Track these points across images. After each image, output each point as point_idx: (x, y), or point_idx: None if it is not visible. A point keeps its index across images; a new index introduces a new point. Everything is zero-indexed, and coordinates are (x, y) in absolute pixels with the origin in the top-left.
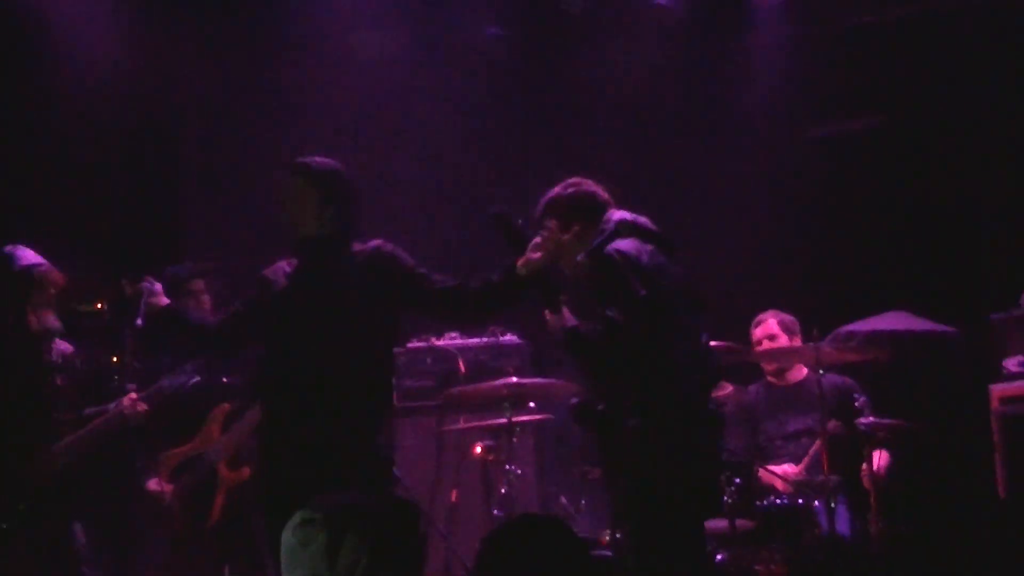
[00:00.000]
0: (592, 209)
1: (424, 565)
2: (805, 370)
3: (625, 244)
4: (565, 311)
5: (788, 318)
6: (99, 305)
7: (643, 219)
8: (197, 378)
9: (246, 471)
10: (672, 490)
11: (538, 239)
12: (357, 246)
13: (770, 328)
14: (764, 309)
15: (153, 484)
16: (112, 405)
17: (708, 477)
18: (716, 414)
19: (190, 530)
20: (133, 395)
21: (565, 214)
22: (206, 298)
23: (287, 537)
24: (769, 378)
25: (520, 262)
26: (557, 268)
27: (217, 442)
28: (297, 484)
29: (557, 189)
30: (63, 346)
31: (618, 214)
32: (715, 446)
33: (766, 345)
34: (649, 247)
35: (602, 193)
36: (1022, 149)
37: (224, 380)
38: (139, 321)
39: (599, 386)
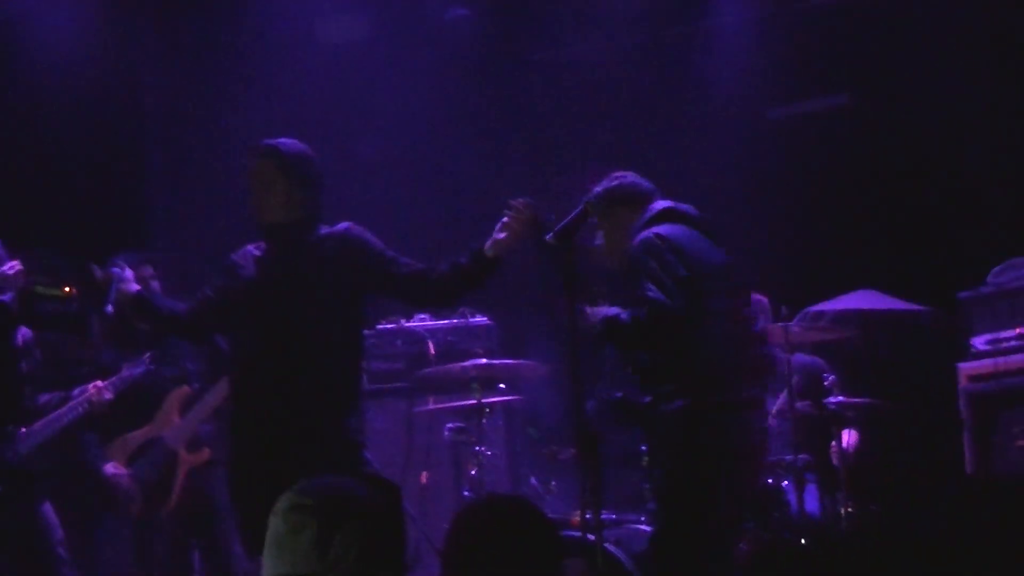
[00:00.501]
0: (633, 199)
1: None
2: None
3: (665, 229)
4: (602, 303)
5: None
6: (66, 290)
7: (685, 206)
8: (152, 367)
9: (206, 452)
10: (710, 477)
11: (506, 219)
12: (325, 230)
13: None
14: None
15: (110, 468)
16: (75, 392)
17: (748, 465)
18: (758, 399)
19: (151, 513)
20: (99, 384)
21: (606, 206)
22: (155, 284)
23: (276, 522)
24: None
25: (488, 244)
26: (591, 260)
27: (176, 426)
28: (266, 469)
29: (603, 183)
30: (24, 331)
31: (660, 202)
32: (755, 433)
33: None
34: (691, 232)
35: (645, 184)
36: (989, 127)
37: (185, 365)
38: (109, 308)
39: (640, 374)
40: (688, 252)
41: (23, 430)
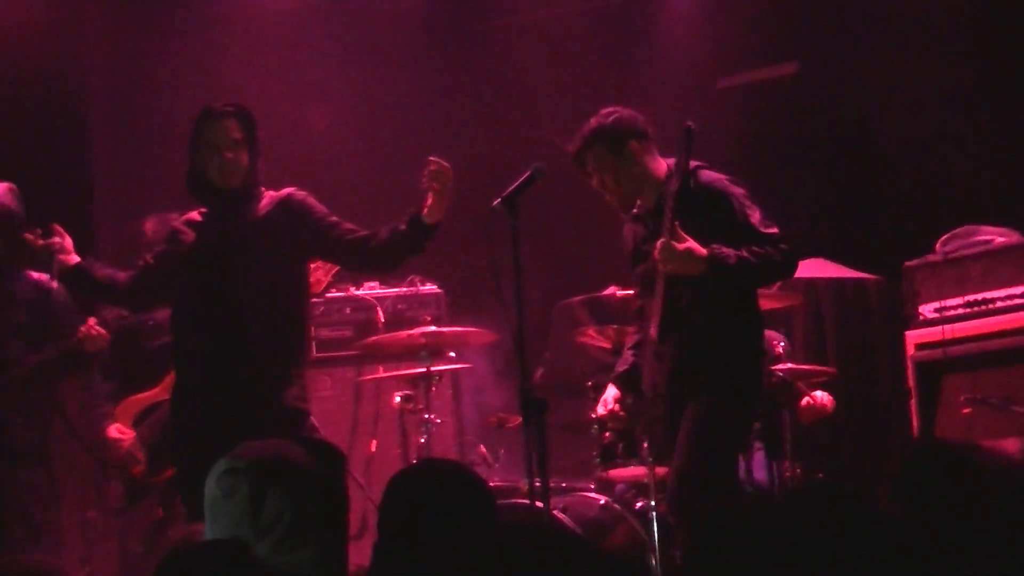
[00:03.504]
0: (644, 131)
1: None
2: None
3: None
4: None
5: None
6: None
7: None
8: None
9: None
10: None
11: (431, 183)
12: (268, 194)
13: None
14: None
15: (113, 432)
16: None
17: None
18: None
19: (154, 475)
20: (91, 320)
21: (614, 138)
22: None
23: (210, 486)
24: None
25: (424, 210)
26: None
27: None
28: (207, 436)
29: (595, 120)
30: (38, 277)
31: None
32: None
33: None
34: None
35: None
36: (938, 95)
37: None
38: (54, 284)
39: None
40: None
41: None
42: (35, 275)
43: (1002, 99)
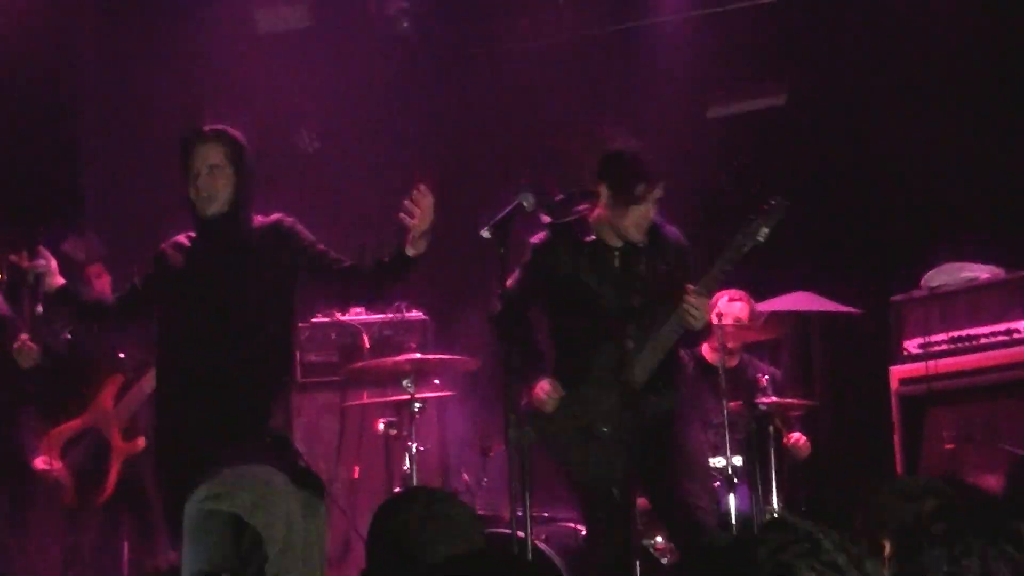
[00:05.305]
0: None
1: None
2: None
3: None
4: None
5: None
6: None
7: None
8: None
9: (141, 441)
10: None
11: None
12: (257, 219)
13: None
14: None
15: (40, 463)
16: None
17: None
18: None
19: (85, 503)
20: (23, 336)
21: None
22: (106, 278)
23: (192, 511)
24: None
25: (408, 241)
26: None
27: (109, 413)
28: (190, 464)
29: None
30: None
31: None
32: None
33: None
34: None
35: None
36: (926, 128)
37: (118, 353)
38: (39, 308)
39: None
40: None
41: None
42: None
43: (991, 134)
